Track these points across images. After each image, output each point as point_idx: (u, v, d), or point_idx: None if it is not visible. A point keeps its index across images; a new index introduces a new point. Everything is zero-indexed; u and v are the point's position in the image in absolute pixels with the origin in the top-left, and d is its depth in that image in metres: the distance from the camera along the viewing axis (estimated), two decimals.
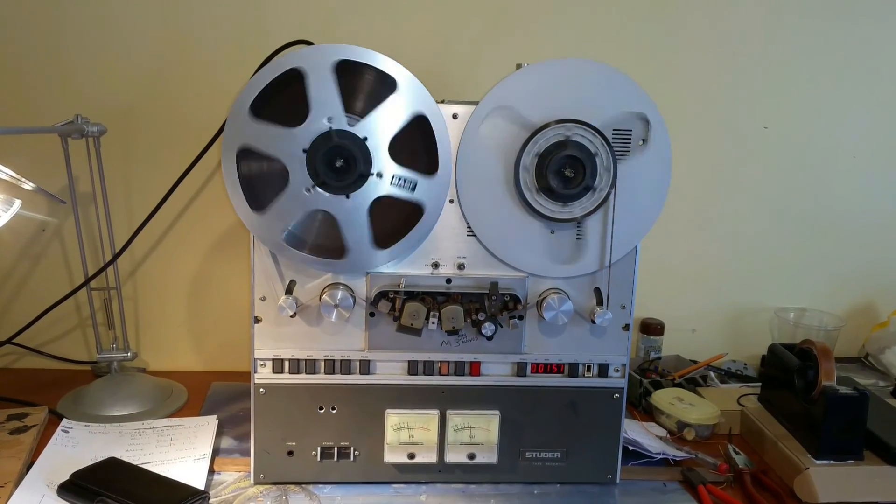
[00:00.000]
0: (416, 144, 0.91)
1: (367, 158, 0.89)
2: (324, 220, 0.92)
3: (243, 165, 0.90)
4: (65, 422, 1.12)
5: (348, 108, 0.88)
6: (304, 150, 0.88)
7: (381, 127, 0.89)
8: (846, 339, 1.49)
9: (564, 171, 0.91)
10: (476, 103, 0.91)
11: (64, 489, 0.93)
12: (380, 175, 0.90)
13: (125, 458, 1.00)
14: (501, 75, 0.91)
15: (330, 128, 0.87)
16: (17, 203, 1.02)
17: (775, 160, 1.43)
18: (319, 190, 0.89)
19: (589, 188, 0.92)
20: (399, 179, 0.90)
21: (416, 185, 0.91)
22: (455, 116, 0.91)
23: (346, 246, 0.92)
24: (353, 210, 0.91)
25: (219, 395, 1.27)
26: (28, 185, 1.04)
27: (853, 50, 1.40)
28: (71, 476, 0.94)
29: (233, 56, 1.28)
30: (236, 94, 0.88)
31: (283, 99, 0.88)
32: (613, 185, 0.92)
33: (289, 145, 0.88)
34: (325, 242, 0.93)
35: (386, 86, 0.89)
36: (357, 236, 0.92)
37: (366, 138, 0.88)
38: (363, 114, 0.89)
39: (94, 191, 1.23)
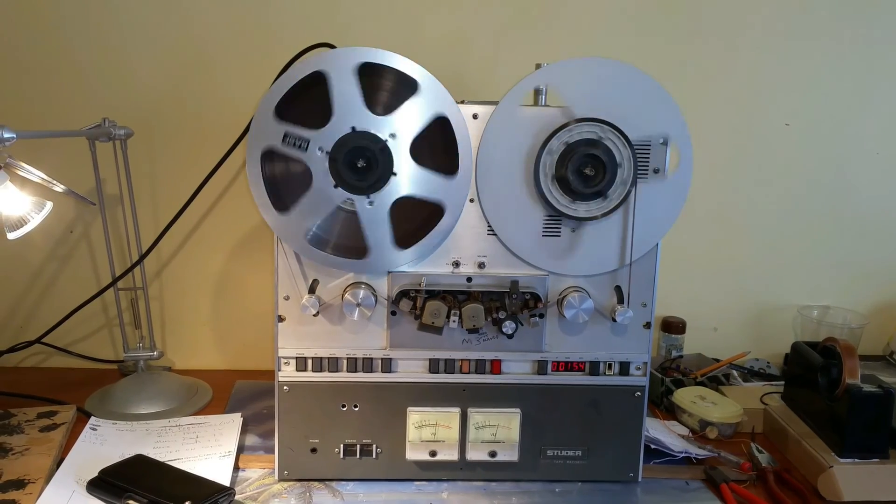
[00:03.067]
0: (437, 145, 0.92)
1: (388, 159, 0.90)
2: (346, 221, 0.93)
3: (267, 167, 0.91)
4: (93, 420, 1.14)
5: (370, 109, 0.89)
6: (327, 152, 0.89)
7: (403, 128, 0.90)
8: (870, 336, 1.47)
9: (585, 169, 0.91)
10: (496, 103, 0.92)
11: (93, 485, 0.94)
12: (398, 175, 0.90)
13: (152, 456, 1.02)
14: (521, 75, 0.92)
15: (352, 129, 0.89)
16: (49, 205, 1.04)
17: (798, 157, 1.42)
18: (342, 190, 0.90)
19: (601, 194, 0.92)
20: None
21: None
22: (475, 116, 0.92)
23: (367, 246, 0.93)
24: (375, 210, 0.91)
25: (243, 394, 1.29)
26: (59, 188, 1.06)
27: (876, 45, 1.38)
28: (99, 473, 0.95)
29: (254, 59, 1.29)
30: (258, 97, 0.89)
31: (306, 101, 0.89)
32: (634, 183, 0.92)
33: (312, 147, 0.89)
34: (348, 242, 0.94)
35: (407, 87, 0.89)
36: (378, 236, 0.93)
37: (387, 139, 0.89)
38: (385, 115, 0.89)
39: (121, 193, 1.25)
